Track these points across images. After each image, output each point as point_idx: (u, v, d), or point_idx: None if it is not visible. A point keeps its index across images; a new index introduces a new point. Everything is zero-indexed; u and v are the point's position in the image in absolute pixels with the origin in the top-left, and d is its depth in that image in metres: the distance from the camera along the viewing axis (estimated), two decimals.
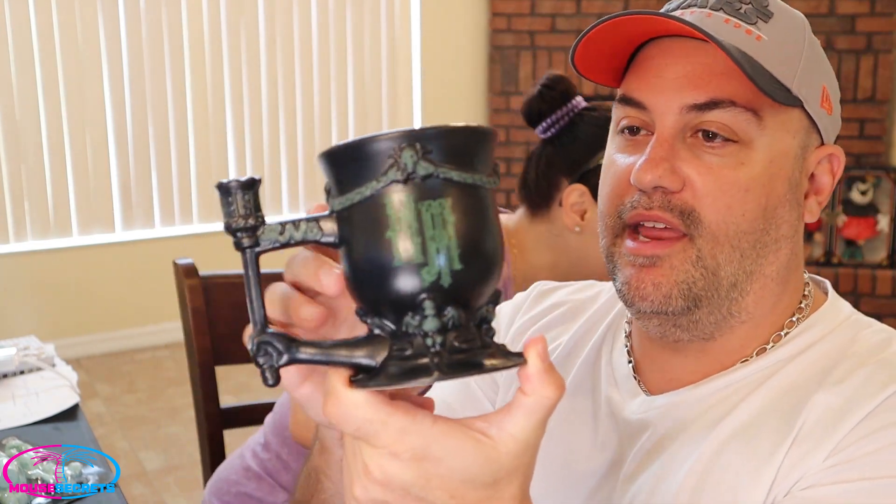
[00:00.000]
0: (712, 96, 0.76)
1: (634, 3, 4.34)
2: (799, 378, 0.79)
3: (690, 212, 0.77)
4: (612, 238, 0.82)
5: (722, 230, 0.77)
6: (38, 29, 3.67)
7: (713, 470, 0.77)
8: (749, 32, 0.78)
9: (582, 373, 0.92)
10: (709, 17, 0.78)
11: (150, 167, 3.98)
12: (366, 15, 4.35)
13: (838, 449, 0.72)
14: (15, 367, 1.83)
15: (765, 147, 0.77)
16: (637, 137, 0.81)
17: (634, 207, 0.79)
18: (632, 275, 0.80)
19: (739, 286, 0.79)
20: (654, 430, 0.83)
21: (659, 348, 0.86)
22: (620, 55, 0.82)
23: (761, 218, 0.78)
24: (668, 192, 0.77)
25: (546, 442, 0.89)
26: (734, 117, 0.76)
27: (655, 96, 0.79)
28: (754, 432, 0.77)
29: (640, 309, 0.80)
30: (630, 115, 0.81)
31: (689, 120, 0.77)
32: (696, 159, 0.77)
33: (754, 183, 0.77)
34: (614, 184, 0.82)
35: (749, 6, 0.79)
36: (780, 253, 0.81)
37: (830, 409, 0.74)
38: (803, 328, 0.83)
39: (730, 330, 0.82)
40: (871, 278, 3.93)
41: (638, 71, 0.81)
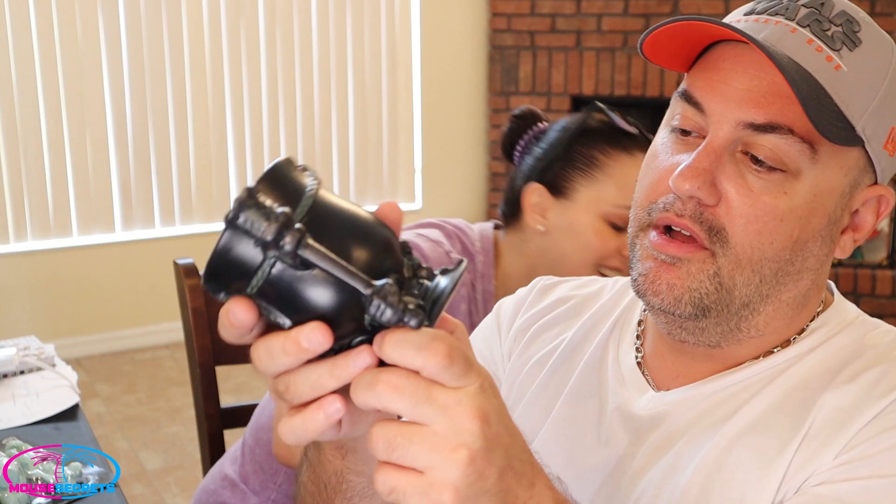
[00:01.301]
0: (771, 119, 0.74)
1: (634, 4, 4.34)
2: (808, 376, 0.79)
3: (720, 230, 0.76)
4: (638, 230, 0.82)
5: (746, 254, 0.76)
6: (38, 29, 3.66)
7: (722, 466, 0.77)
8: (829, 59, 0.74)
9: (588, 369, 0.92)
10: (793, 32, 0.75)
11: (150, 167, 3.98)
12: (366, 15, 4.35)
13: (849, 447, 0.72)
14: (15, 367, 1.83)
15: (812, 180, 0.75)
16: (688, 139, 0.80)
17: (666, 210, 0.78)
18: (650, 268, 0.79)
19: (752, 306, 0.79)
20: (663, 425, 0.83)
21: (669, 346, 0.86)
22: (694, 45, 0.80)
23: (789, 249, 0.77)
24: (702, 203, 0.76)
25: (551, 437, 0.89)
26: (788, 146, 0.74)
27: (716, 103, 0.76)
28: (763, 429, 0.77)
29: (649, 303, 0.80)
30: (686, 115, 0.79)
31: (743, 136, 0.75)
32: (740, 177, 0.75)
33: (791, 214, 0.75)
34: (653, 179, 0.81)
35: (839, 29, 0.76)
36: (801, 283, 0.80)
37: (840, 408, 0.75)
38: (811, 328, 0.83)
39: (737, 342, 0.82)
40: (871, 278, 3.93)
41: (706, 69, 0.79)
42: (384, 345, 0.52)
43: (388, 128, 4.48)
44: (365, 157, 4.42)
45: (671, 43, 0.79)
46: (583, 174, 1.38)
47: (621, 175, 1.37)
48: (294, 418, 0.55)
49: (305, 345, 0.52)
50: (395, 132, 4.49)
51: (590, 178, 1.37)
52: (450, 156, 4.69)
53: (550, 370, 0.95)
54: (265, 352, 0.54)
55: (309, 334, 0.52)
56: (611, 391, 0.89)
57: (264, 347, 0.54)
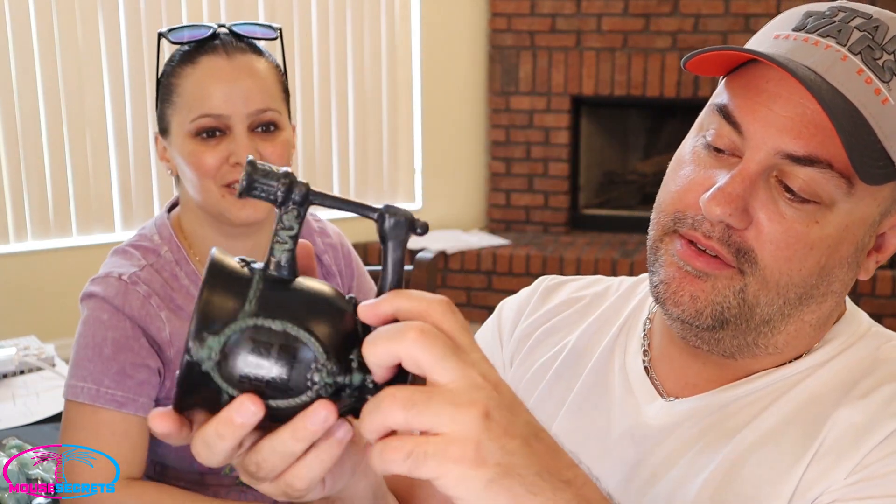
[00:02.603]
0: (812, 152, 0.72)
1: (634, 4, 4.34)
2: (821, 390, 0.78)
3: (748, 251, 0.75)
4: (661, 234, 0.80)
5: (774, 277, 0.75)
6: (38, 29, 3.66)
7: (733, 479, 0.76)
8: (878, 92, 0.72)
9: (593, 376, 0.91)
10: (843, 60, 0.72)
11: (151, 167, 3.98)
12: (366, 15, 4.35)
13: (861, 466, 0.71)
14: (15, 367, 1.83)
15: (845, 212, 0.74)
16: (721, 156, 0.77)
17: (694, 228, 0.76)
18: (673, 277, 0.78)
19: (772, 324, 0.78)
20: (673, 436, 0.82)
21: (679, 350, 0.85)
22: (732, 59, 0.77)
23: (816, 275, 0.76)
24: (731, 227, 0.74)
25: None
26: (825, 180, 0.72)
27: (756, 127, 0.74)
28: (775, 443, 0.76)
29: (668, 311, 0.79)
30: (722, 133, 0.76)
31: (780, 164, 0.73)
32: (773, 204, 0.74)
33: (821, 243, 0.74)
34: (681, 188, 0.79)
35: (891, 57, 0.73)
36: (825, 305, 0.79)
37: (854, 425, 0.74)
38: (824, 340, 0.82)
39: (752, 356, 0.81)
40: (871, 278, 3.92)
41: (748, 89, 0.76)
42: (395, 296, 0.53)
43: (388, 128, 4.48)
44: (365, 157, 4.42)
45: (713, 61, 0.77)
46: (169, 104, 1.35)
47: (189, 87, 1.32)
48: (307, 459, 0.54)
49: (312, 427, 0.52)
50: (395, 132, 4.49)
51: (172, 105, 1.34)
52: (450, 156, 4.68)
53: (555, 376, 0.93)
54: (202, 444, 0.53)
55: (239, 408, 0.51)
56: (618, 399, 0.87)
57: (200, 440, 0.53)
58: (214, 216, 1.35)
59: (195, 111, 1.30)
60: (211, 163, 1.30)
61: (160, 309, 1.30)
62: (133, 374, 1.27)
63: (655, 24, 4.31)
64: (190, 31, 1.36)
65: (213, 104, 1.30)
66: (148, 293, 1.30)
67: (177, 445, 0.55)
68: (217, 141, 1.31)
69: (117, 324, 1.28)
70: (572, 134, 4.56)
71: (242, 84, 1.31)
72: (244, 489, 1.38)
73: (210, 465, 0.54)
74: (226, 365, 0.52)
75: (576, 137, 4.61)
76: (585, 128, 4.65)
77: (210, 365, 0.51)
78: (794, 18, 0.78)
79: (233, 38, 1.36)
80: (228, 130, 1.31)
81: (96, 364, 1.27)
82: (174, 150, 1.35)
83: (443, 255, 4.32)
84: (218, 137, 1.31)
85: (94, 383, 1.27)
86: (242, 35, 1.37)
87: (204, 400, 0.53)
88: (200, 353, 0.51)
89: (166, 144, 1.38)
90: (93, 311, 1.31)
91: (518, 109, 4.55)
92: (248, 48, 1.36)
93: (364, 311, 0.54)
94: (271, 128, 1.34)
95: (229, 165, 1.30)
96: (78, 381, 1.28)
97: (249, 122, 1.31)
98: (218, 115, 1.30)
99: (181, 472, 1.38)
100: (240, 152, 1.29)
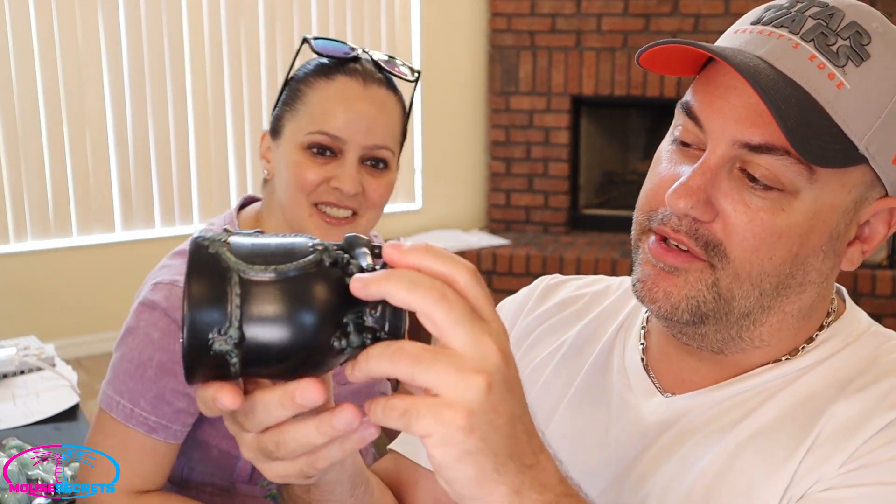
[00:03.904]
0: (767, 140, 0.73)
1: (634, 4, 4.34)
2: (818, 387, 0.79)
3: (717, 245, 0.76)
4: (639, 233, 0.82)
5: (745, 268, 0.76)
6: (38, 29, 3.66)
7: (728, 472, 0.77)
8: (831, 77, 0.72)
9: (592, 372, 0.91)
10: (795, 48, 0.73)
11: (150, 167, 3.98)
12: (366, 15, 4.35)
13: (855, 456, 0.72)
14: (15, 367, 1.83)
15: (811, 199, 0.74)
16: (689, 150, 0.79)
17: (663, 223, 0.78)
18: (649, 275, 0.79)
19: (753, 316, 0.79)
20: (671, 430, 0.82)
21: (675, 348, 0.86)
22: (697, 58, 0.79)
23: (789, 264, 0.76)
24: (698, 220, 0.76)
25: (554, 439, 0.89)
26: (785, 167, 0.73)
27: (714, 121, 0.75)
28: (771, 437, 0.77)
29: (648, 309, 0.81)
30: (687, 128, 0.79)
31: (740, 154, 0.75)
32: (736, 194, 0.75)
33: (790, 231, 0.75)
34: (653, 185, 0.81)
35: (845, 43, 0.73)
36: (805, 295, 0.80)
37: (849, 418, 0.74)
38: (824, 338, 0.82)
39: (741, 350, 0.82)
40: (871, 278, 3.93)
41: (708, 83, 0.77)
42: (424, 253, 0.53)
43: None
44: None
45: (671, 57, 0.78)
46: (289, 109, 1.33)
47: (317, 100, 1.30)
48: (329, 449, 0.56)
49: (300, 400, 0.53)
50: None
51: (293, 111, 1.32)
52: (450, 156, 4.68)
53: (553, 372, 0.94)
54: (261, 407, 0.54)
55: (303, 391, 0.52)
56: (617, 395, 0.88)
57: (261, 403, 0.54)
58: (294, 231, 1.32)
59: (315, 125, 1.28)
60: (312, 179, 1.28)
61: None
62: (172, 401, 1.24)
63: (655, 24, 4.31)
64: (334, 45, 1.34)
65: (335, 125, 1.28)
66: None
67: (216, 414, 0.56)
68: (326, 160, 1.28)
69: (168, 345, 1.25)
70: (572, 134, 4.56)
71: (369, 114, 1.29)
72: (273, 503, 1.36)
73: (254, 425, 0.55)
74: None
75: (576, 137, 4.61)
76: (585, 128, 4.65)
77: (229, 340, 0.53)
78: (755, 13, 0.80)
79: (373, 67, 1.33)
80: (340, 154, 1.28)
81: (136, 383, 1.24)
82: (280, 153, 1.33)
83: None
84: (327, 157, 1.29)
85: (130, 402, 1.24)
86: (383, 67, 1.35)
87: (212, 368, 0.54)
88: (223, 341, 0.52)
89: (272, 145, 1.36)
90: (147, 324, 1.27)
91: (518, 109, 4.55)
92: (385, 82, 1.34)
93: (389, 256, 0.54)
94: (381, 165, 1.32)
95: (328, 186, 1.28)
96: (114, 394, 1.25)
97: (363, 153, 1.29)
98: (335, 137, 1.28)
99: (215, 479, 1.35)
100: (344, 178, 1.27)
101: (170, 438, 1.25)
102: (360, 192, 1.29)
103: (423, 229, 4.62)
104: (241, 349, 0.52)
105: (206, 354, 0.52)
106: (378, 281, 0.52)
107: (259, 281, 0.53)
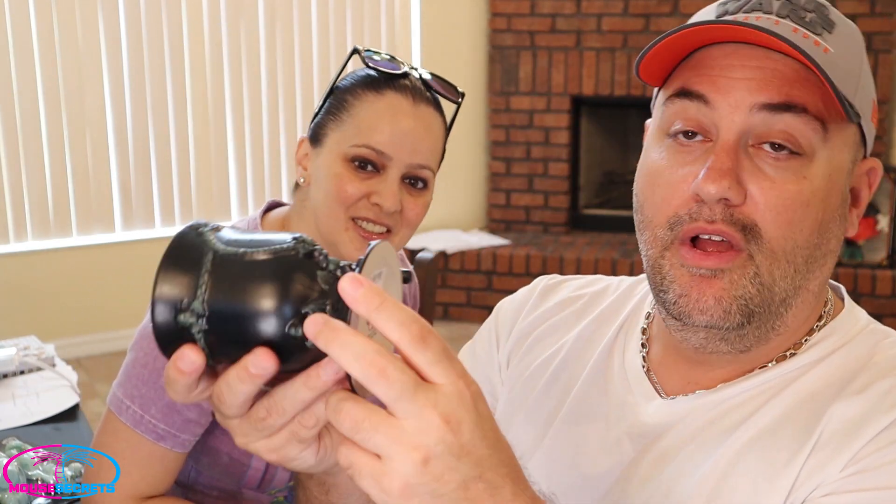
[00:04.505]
0: (787, 99, 0.73)
1: (634, 4, 4.34)
2: (818, 387, 0.78)
3: (752, 226, 0.75)
4: (661, 250, 0.79)
5: (781, 246, 0.75)
6: (38, 29, 3.66)
7: (729, 475, 0.76)
8: (817, 43, 0.74)
9: (592, 375, 0.91)
10: (776, 24, 0.75)
11: (150, 167, 3.98)
12: (366, 15, 4.35)
13: (856, 459, 0.72)
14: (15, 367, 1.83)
15: (825, 161, 0.75)
16: (692, 143, 0.77)
17: (694, 220, 0.76)
18: (691, 286, 0.76)
19: (787, 301, 0.78)
20: (671, 433, 0.82)
21: (683, 356, 0.85)
22: (676, 57, 0.78)
23: (816, 233, 0.76)
24: (730, 204, 0.74)
25: (555, 443, 0.88)
26: (804, 125, 0.73)
27: (724, 94, 0.74)
28: (772, 439, 0.76)
29: (695, 322, 0.77)
30: (688, 116, 0.77)
31: (756, 124, 0.74)
32: (759, 172, 0.74)
33: (814, 197, 0.75)
34: (667, 194, 0.78)
35: (813, 15, 0.76)
36: (825, 267, 0.80)
37: (849, 420, 0.74)
38: (822, 336, 0.82)
39: (766, 342, 0.81)
40: (871, 278, 3.93)
41: (699, 68, 0.76)
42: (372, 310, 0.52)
43: None
44: None
45: (656, 60, 0.78)
46: (333, 118, 1.31)
47: (364, 113, 1.29)
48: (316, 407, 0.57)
49: (253, 370, 0.53)
50: None
51: (337, 121, 1.30)
52: (450, 156, 4.66)
53: (553, 375, 0.93)
54: (225, 387, 0.55)
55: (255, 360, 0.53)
56: (617, 398, 0.87)
57: (224, 384, 0.55)
58: (327, 241, 1.30)
59: (361, 139, 1.27)
60: (352, 192, 1.26)
61: None
62: (182, 412, 1.22)
63: (655, 24, 4.31)
64: (386, 61, 1.34)
65: (382, 140, 1.26)
66: None
67: (182, 393, 0.57)
68: (367, 175, 1.27)
69: None
70: (572, 134, 4.56)
71: (416, 133, 1.29)
72: None
73: (230, 408, 0.56)
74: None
75: (576, 137, 4.61)
76: (585, 128, 4.66)
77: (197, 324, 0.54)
78: (711, 10, 0.80)
79: (422, 85, 1.33)
80: (383, 169, 1.27)
81: (149, 389, 1.23)
82: (320, 162, 1.31)
83: (443, 255, 4.32)
84: (369, 172, 1.27)
85: (141, 408, 1.23)
86: (431, 86, 1.34)
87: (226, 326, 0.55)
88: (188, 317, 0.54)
89: (311, 153, 1.34)
90: None
91: (518, 109, 4.55)
92: (432, 101, 1.34)
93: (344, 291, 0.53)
94: (420, 184, 1.31)
95: (368, 202, 1.27)
96: (125, 398, 1.24)
97: (405, 171, 1.28)
98: (381, 153, 1.26)
99: (222, 484, 1.34)
100: (385, 195, 1.26)
101: (177, 447, 1.24)
102: (398, 209, 1.28)
103: (424, 229, 4.62)
104: (204, 322, 0.54)
105: (173, 326, 0.54)
106: (327, 338, 0.52)
107: (230, 259, 0.54)
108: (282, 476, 1.31)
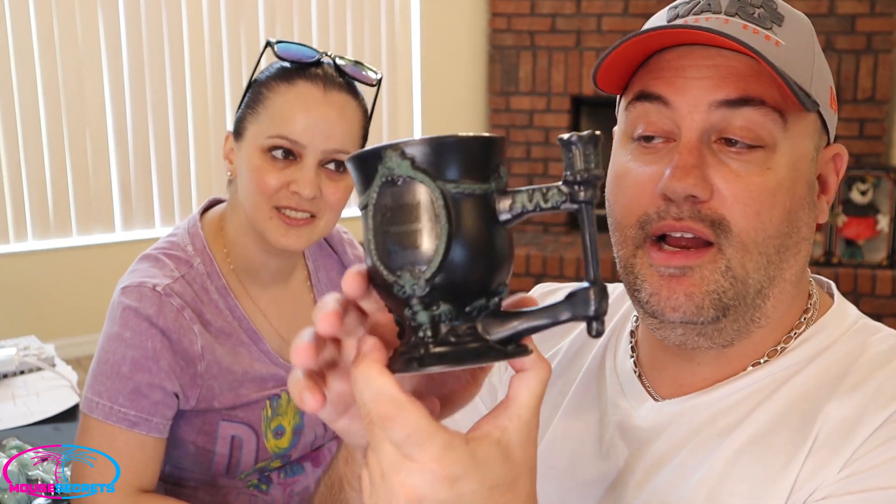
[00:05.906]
0: (744, 92, 0.75)
1: (634, 4, 4.34)
2: (810, 386, 0.78)
3: (720, 221, 0.75)
4: (633, 249, 0.80)
5: (751, 237, 0.76)
6: (38, 29, 3.66)
7: (727, 480, 0.76)
8: (768, 38, 0.76)
9: (586, 380, 0.91)
10: (726, 23, 0.76)
11: (150, 167, 3.98)
12: (366, 15, 4.35)
13: (853, 459, 0.72)
14: (15, 367, 1.83)
15: (787, 151, 0.76)
16: (653, 146, 0.79)
17: (662, 218, 0.77)
18: (661, 285, 0.78)
19: (763, 292, 0.79)
20: (664, 437, 0.82)
21: (670, 355, 0.85)
22: (633, 64, 0.80)
23: (786, 222, 0.77)
24: (697, 201, 0.75)
25: (550, 449, 0.88)
26: (763, 118, 0.75)
27: (682, 94, 0.76)
28: (768, 442, 0.76)
29: (669, 319, 0.78)
30: (650, 118, 0.78)
31: (716, 121, 0.76)
32: (723, 166, 0.75)
33: (780, 187, 0.76)
34: (634, 194, 0.79)
35: (761, 10, 0.78)
36: (800, 255, 0.81)
37: (844, 419, 0.74)
38: (811, 333, 0.82)
39: (748, 335, 0.81)
40: (871, 278, 3.93)
41: (656, 71, 0.78)
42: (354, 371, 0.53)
43: (389, 127, 4.48)
44: None
45: (613, 68, 0.79)
46: (251, 112, 1.34)
47: (277, 104, 1.32)
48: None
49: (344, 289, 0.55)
50: (395, 132, 4.49)
51: (255, 114, 1.33)
52: None
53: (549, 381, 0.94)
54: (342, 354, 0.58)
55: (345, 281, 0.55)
56: (610, 402, 0.88)
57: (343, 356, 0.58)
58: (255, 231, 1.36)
59: (275, 130, 1.30)
60: (272, 184, 1.30)
61: (193, 322, 1.30)
62: (148, 394, 1.27)
63: None
64: (297, 50, 1.36)
65: (294, 130, 1.30)
66: (181, 306, 1.30)
67: (331, 325, 0.56)
68: (285, 164, 1.31)
69: (140, 342, 1.28)
70: None
71: (328, 120, 1.31)
72: (255, 493, 1.39)
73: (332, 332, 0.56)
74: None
75: None
76: (585, 128, 4.65)
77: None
78: (664, 14, 0.82)
79: (335, 72, 1.35)
80: (300, 158, 1.31)
81: (113, 381, 1.27)
82: (241, 155, 1.35)
83: None
84: (287, 161, 1.31)
85: (109, 400, 1.27)
86: (345, 72, 1.36)
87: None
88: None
89: (235, 147, 1.38)
90: (119, 326, 1.31)
91: (518, 109, 4.55)
92: (346, 87, 1.35)
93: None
94: (340, 168, 1.34)
95: (288, 191, 1.31)
96: (94, 396, 1.29)
97: (322, 157, 1.32)
98: (295, 142, 1.30)
99: (195, 474, 1.38)
100: (302, 183, 1.29)
101: (153, 432, 1.27)
102: (318, 195, 1.31)
103: None
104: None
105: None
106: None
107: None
108: (247, 460, 1.35)
